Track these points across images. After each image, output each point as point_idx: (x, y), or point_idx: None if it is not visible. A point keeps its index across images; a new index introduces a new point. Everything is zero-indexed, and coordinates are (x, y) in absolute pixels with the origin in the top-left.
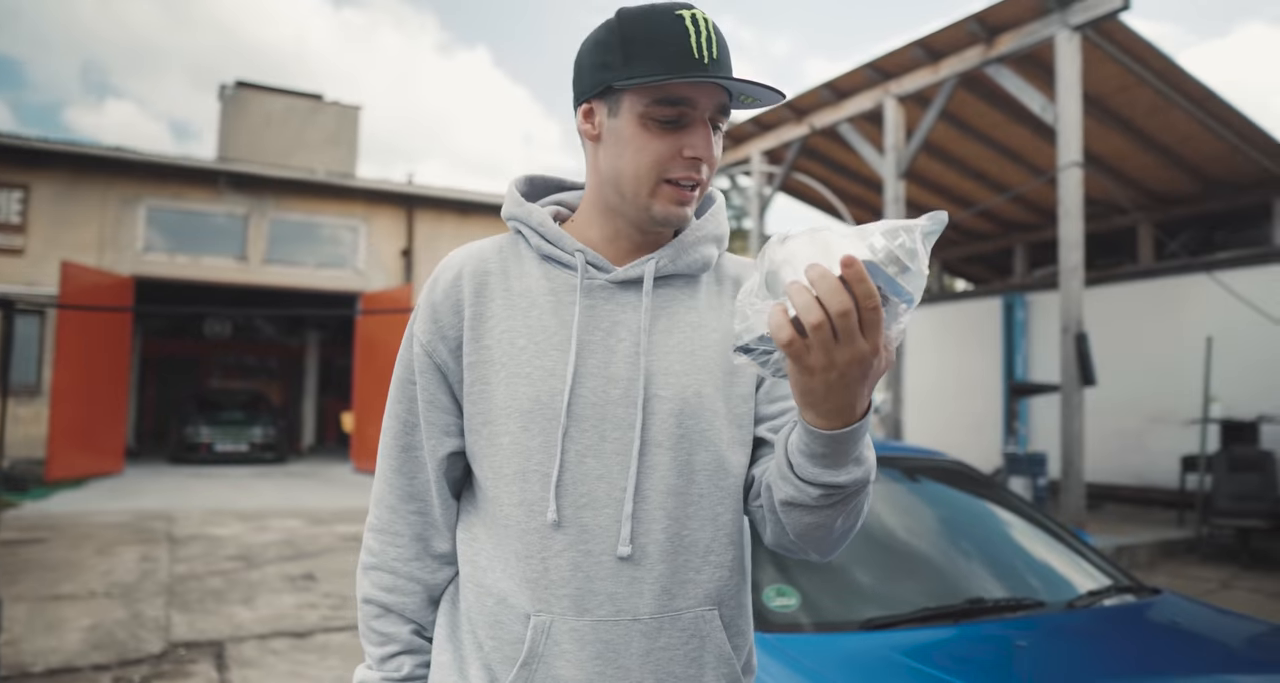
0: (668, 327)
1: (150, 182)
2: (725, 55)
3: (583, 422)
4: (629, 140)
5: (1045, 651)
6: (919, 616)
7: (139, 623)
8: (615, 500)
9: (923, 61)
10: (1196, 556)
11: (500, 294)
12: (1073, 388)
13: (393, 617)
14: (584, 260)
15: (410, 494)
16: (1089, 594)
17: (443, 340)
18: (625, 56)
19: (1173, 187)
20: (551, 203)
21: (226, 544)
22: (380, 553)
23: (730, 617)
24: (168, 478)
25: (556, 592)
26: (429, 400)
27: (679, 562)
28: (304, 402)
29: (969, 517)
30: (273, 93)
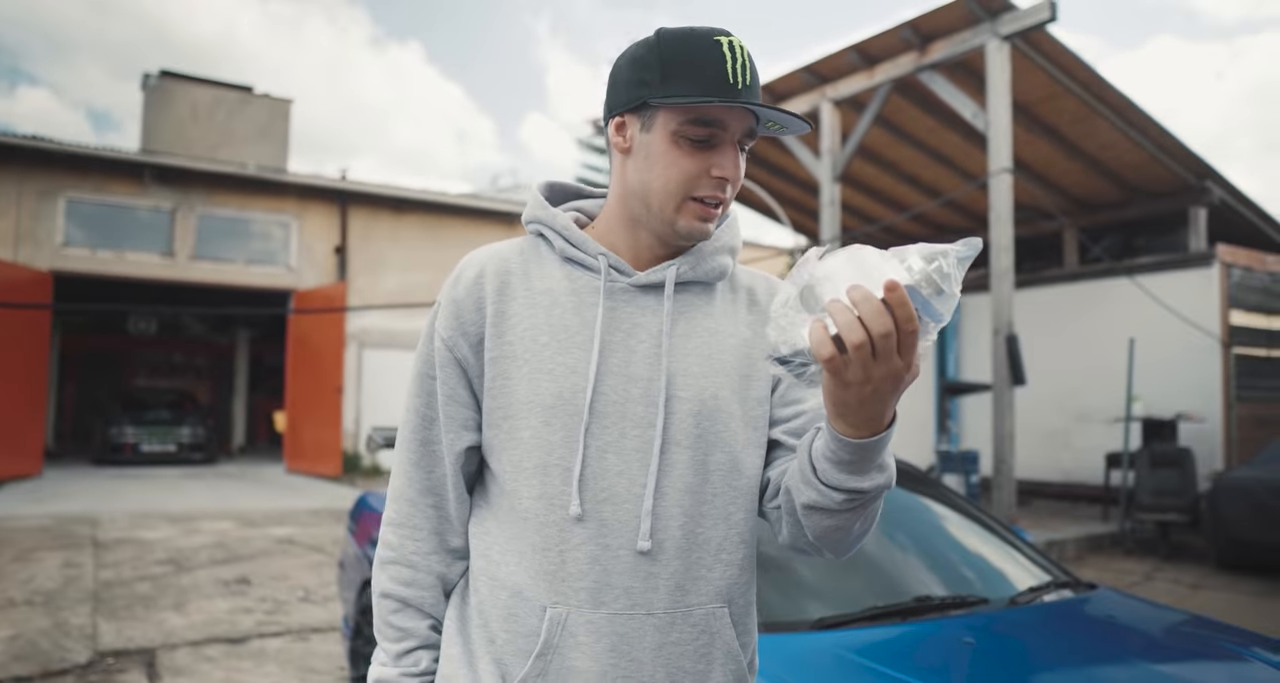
0: (686, 331)
1: (70, 173)
2: (756, 82)
3: (604, 419)
4: (660, 156)
5: (993, 647)
6: (869, 614)
7: (63, 632)
8: (635, 497)
9: (858, 66)
10: (1121, 549)
11: (522, 292)
12: (1004, 388)
13: (411, 611)
14: (606, 263)
15: (428, 488)
16: (1030, 591)
17: (464, 336)
18: (664, 76)
19: (1096, 193)
20: (571, 208)
21: (155, 548)
22: (399, 547)
23: (738, 615)
24: (91, 480)
25: (574, 584)
26: (449, 395)
27: (693, 559)
28: (234, 401)
29: (912, 515)
30: (200, 83)
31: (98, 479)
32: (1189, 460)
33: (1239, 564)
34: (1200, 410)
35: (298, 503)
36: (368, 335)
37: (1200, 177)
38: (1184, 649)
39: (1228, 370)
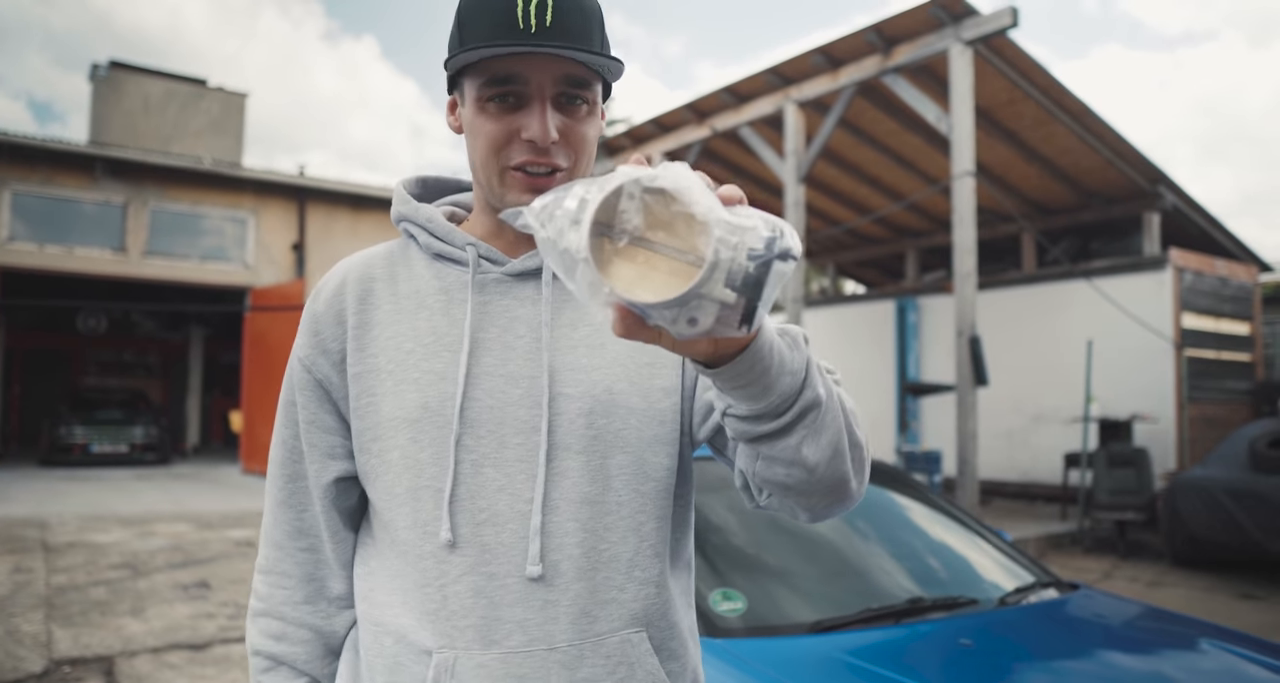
0: (572, 320)
1: (15, 165)
2: (571, 21)
3: (478, 428)
4: (472, 127)
5: (989, 648)
6: (863, 617)
7: (15, 640)
8: (520, 514)
9: (823, 68)
10: (1080, 548)
11: (387, 299)
12: (966, 389)
13: (283, 670)
14: (475, 253)
15: (299, 530)
16: (1017, 591)
17: (324, 354)
18: (460, 38)
19: (1054, 197)
20: (447, 203)
21: (109, 552)
22: (268, 597)
23: (661, 639)
24: (39, 482)
25: (458, 623)
26: (310, 421)
27: (599, 580)
28: (188, 400)
29: (898, 516)
30: (151, 75)
31: (46, 481)
32: (1145, 460)
33: (1194, 561)
34: (1154, 411)
35: (255, 504)
36: None
37: (1153, 182)
38: (1171, 646)
39: (1180, 372)
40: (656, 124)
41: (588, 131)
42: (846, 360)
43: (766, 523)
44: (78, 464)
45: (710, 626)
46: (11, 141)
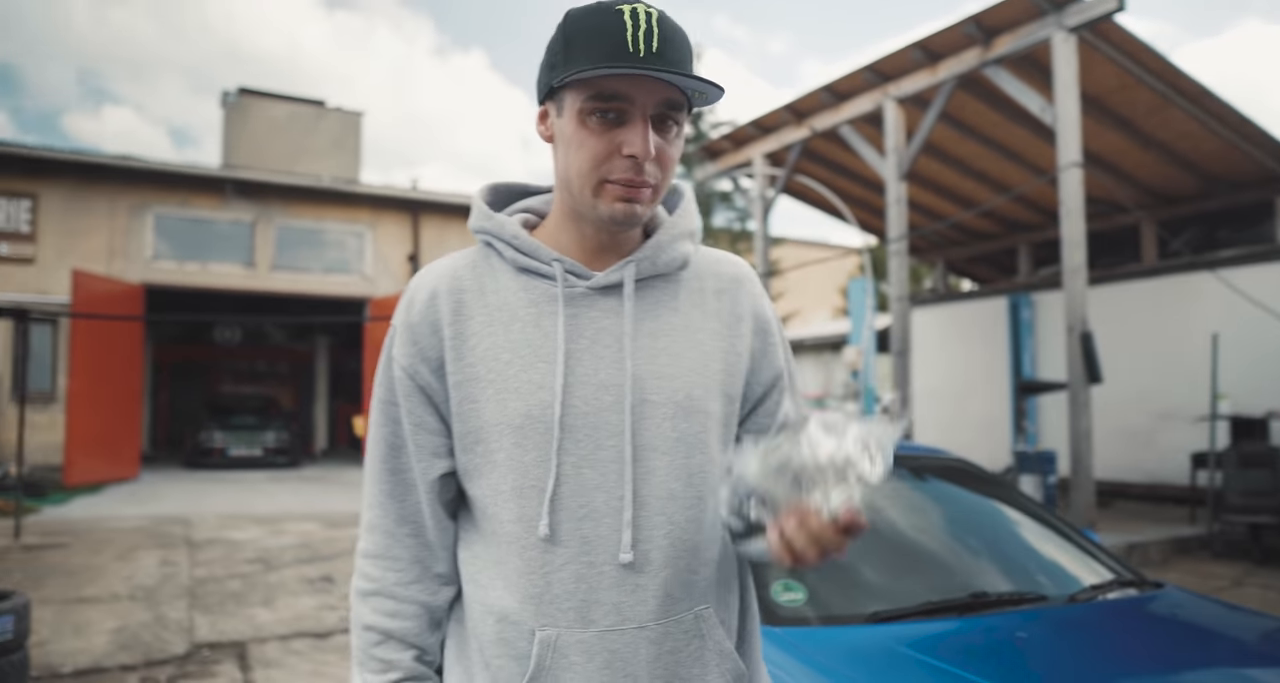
0: (653, 330)
1: (157, 189)
2: (672, 50)
3: (576, 433)
4: (570, 139)
5: (1045, 642)
6: (923, 609)
7: (162, 625)
8: (614, 510)
9: (921, 63)
10: (1209, 553)
11: (479, 310)
12: (1079, 386)
13: (394, 643)
14: (562, 269)
15: (403, 518)
16: (1091, 588)
17: (424, 361)
18: (566, 55)
19: (1174, 184)
20: (519, 210)
21: (244, 548)
22: (379, 578)
23: (723, 613)
24: (183, 483)
25: (561, 606)
26: (416, 424)
27: (680, 565)
28: (315, 406)
29: (973, 514)
30: (275, 99)
31: (189, 482)
32: None
33: None
34: None
35: None
36: None
37: None
38: (1247, 650)
39: None
40: (756, 126)
41: (675, 152)
42: (958, 360)
43: None
44: (217, 467)
45: (770, 615)
46: (152, 168)
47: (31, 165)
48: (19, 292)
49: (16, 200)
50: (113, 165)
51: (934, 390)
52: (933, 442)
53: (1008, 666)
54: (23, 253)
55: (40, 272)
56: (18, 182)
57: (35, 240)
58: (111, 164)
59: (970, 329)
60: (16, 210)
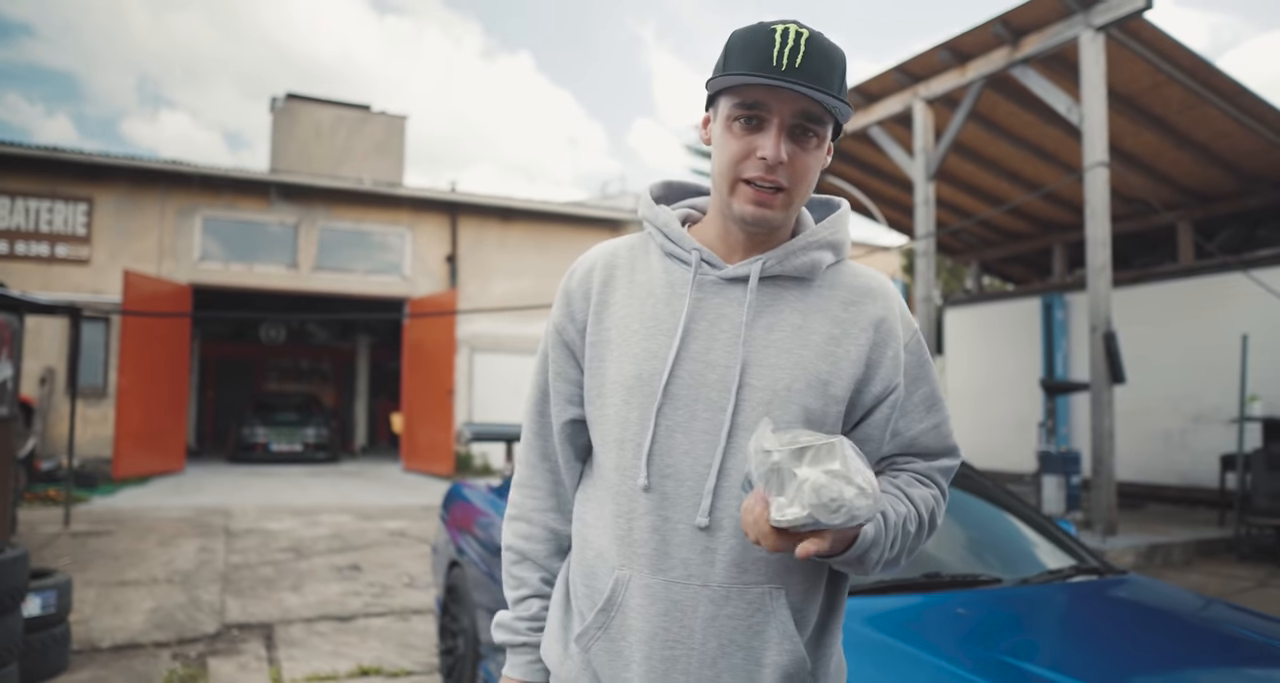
0: (770, 323)
1: (205, 192)
2: (814, 67)
3: (677, 400)
4: (718, 141)
5: (985, 618)
6: (875, 587)
7: (196, 606)
8: (698, 475)
9: (950, 64)
10: (1235, 555)
11: (624, 285)
12: (1102, 386)
13: (527, 563)
14: (699, 257)
15: (544, 454)
16: (1047, 573)
17: (572, 322)
18: (724, 66)
19: (1211, 183)
20: (685, 206)
21: (279, 538)
22: (521, 505)
23: (797, 602)
24: (226, 477)
25: (639, 550)
26: (557, 373)
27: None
28: (356, 404)
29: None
30: (322, 104)
31: (232, 475)
32: None
33: None
34: None
35: (411, 499)
36: (477, 340)
37: None
38: (1192, 632)
39: None
40: None
41: (811, 161)
42: (992, 360)
43: None
44: (259, 461)
45: None
46: (201, 172)
47: (87, 171)
48: (74, 291)
49: (73, 204)
50: (163, 170)
51: (968, 391)
52: (968, 443)
53: (939, 636)
54: (78, 254)
55: (94, 272)
56: (75, 186)
57: (90, 242)
58: (162, 169)
59: (1004, 330)
60: (73, 214)
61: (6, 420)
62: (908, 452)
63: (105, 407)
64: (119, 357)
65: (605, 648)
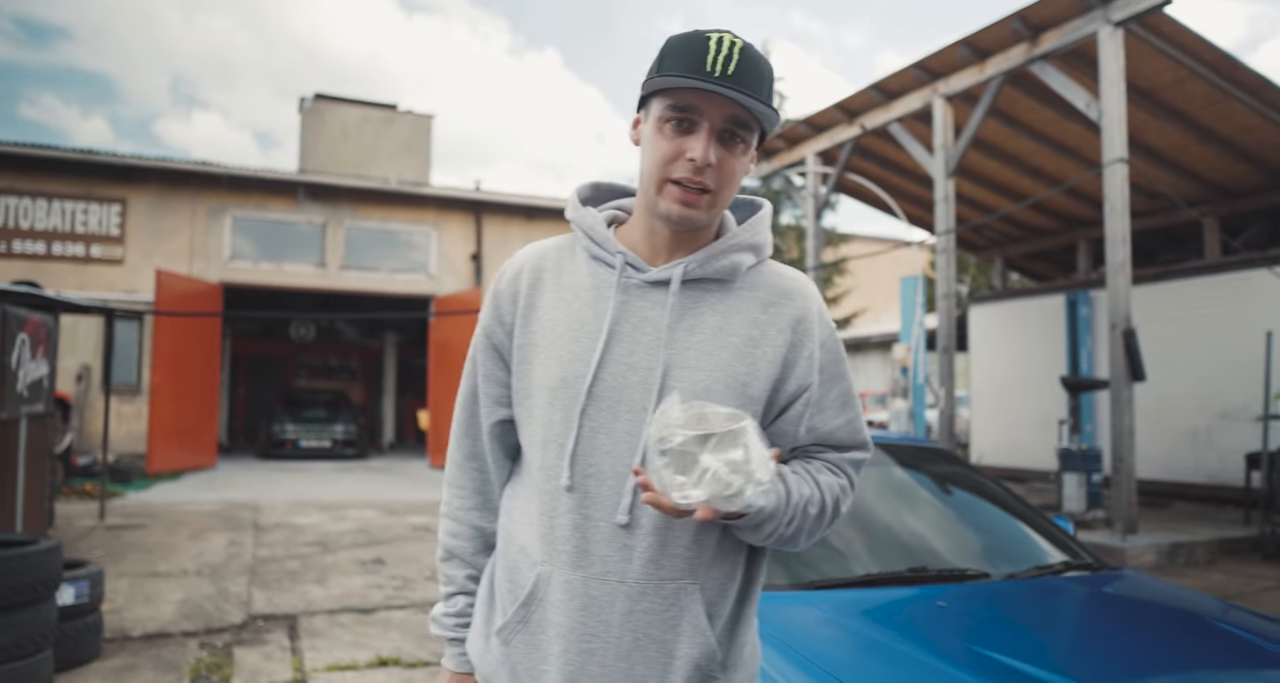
0: (691, 325)
1: (235, 193)
2: (745, 74)
3: (600, 402)
4: (648, 141)
5: (964, 610)
6: (860, 580)
7: (224, 598)
8: (619, 475)
9: (969, 61)
10: (1259, 555)
11: (552, 288)
12: (1122, 384)
13: (455, 561)
14: (623, 261)
15: (472, 454)
16: (1035, 568)
17: (500, 324)
18: (658, 69)
19: (1237, 179)
20: (612, 207)
21: (306, 532)
22: (449, 503)
23: (711, 596)
24: (256, 472)
25: (560, 547)
26: (485, 375)
27: (669, 537)
28: (384, 401)
29: (941, 499)
30: (349, 104)
31: (262, 471)
32: None
33: None
34: None
35: (436, 495)
36: None
37: None
38: (1180, 628)
39: None
40: (809, 124)
41: (737, 166)
42: (1016, 357)
43: None
44: (289, 457)
45: None
46: (231, 173)
47: (121, 172)
48: (109, 290)
49: (107, 205)
50: (193, 171)
51: (993, 388)
52: (992, 440)
53: (917, 628)
54: (112, 254)
55: (128, 272)
56: (109, 188)
57: (123, 242)
58: (192, 170)
59: (1028, 326)
60: (107, 214)
61: (43, 417)
62: (822, 444)
63: (139, 403)
64: (152, 355)
65: (524, 641)
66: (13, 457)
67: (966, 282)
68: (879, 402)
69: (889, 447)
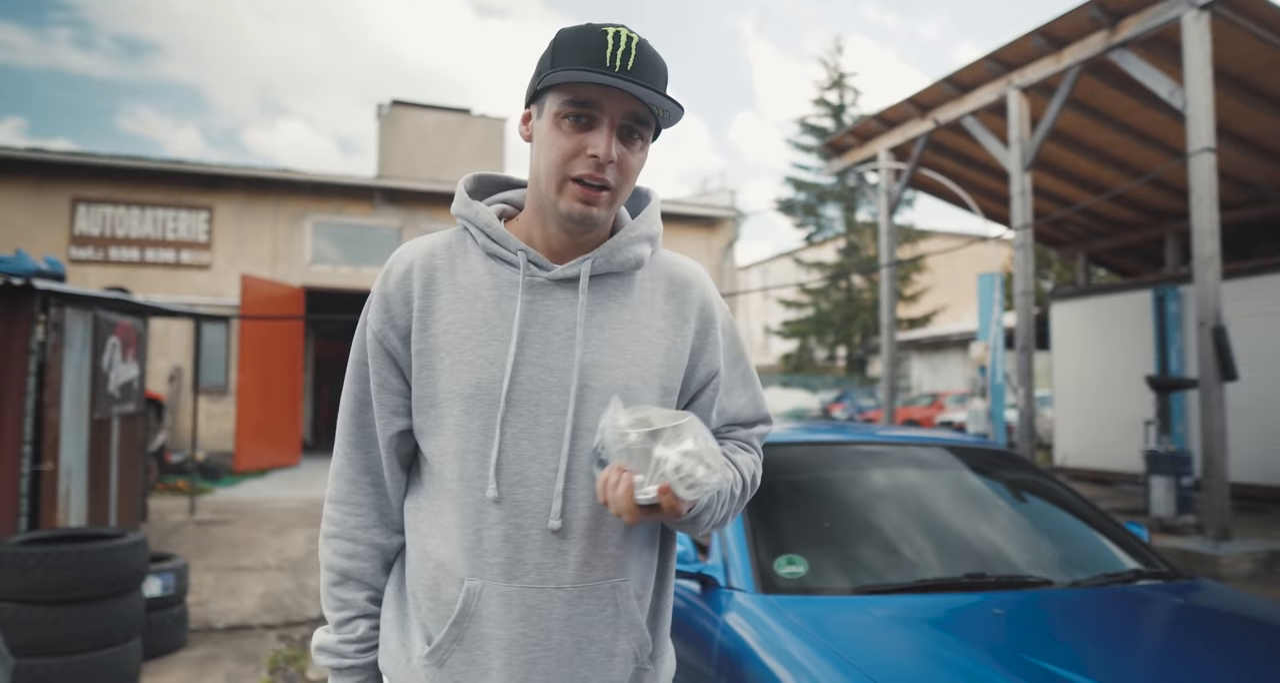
0: (602, 322)
1: (315, 198)
2: (644, 70)
3: (519, 407)
4: (543, 138)
5: (1021, 619)
6: (915, 586)
7: (303, 592)
8: (546, 480)
9: (1045, 51)
10: None
11: (447, 288)
12: (1211, 384)
13: (351, 583)
14: (526, 259)
15: (366, 468)
16: (1104, 576)
17: (393, 328)
18: (552, 63)
19: None
20: (498, 201)
21: None
22: (341, 522)
23: (638, 589)
24: None
25: (489, 560)
26: (380, 384)
27: (600, 537)
28: None
29: (1001, 501)
30: (424, 109)
31: None
32: None
33: None
34: None
35: None
36: None
37: None
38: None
39: None
40: (880, 120)
41: (635, 162)
42: (1102, 356)
43: (849, 503)
44: None
45: (769, 583)
46: (311, 179)
47: (208, 181)
48: (197, 295)
49: (196, 213)
50: (275, 178)
51: (1077, 388)
52: (1077, 442)
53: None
54: (200, 260)
55: (215, 277)
56: (197, 196)
57: (211, 248)
58: (274, 177)
59: (1114, 323)
60: (196, 222)
61: (133, 416)
62: (731, 423)
63: (227, 403)
64: (238, 356)
65: (461, 659)
66: (106, 454)
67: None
68: (958, 401)
69: (950, 449)
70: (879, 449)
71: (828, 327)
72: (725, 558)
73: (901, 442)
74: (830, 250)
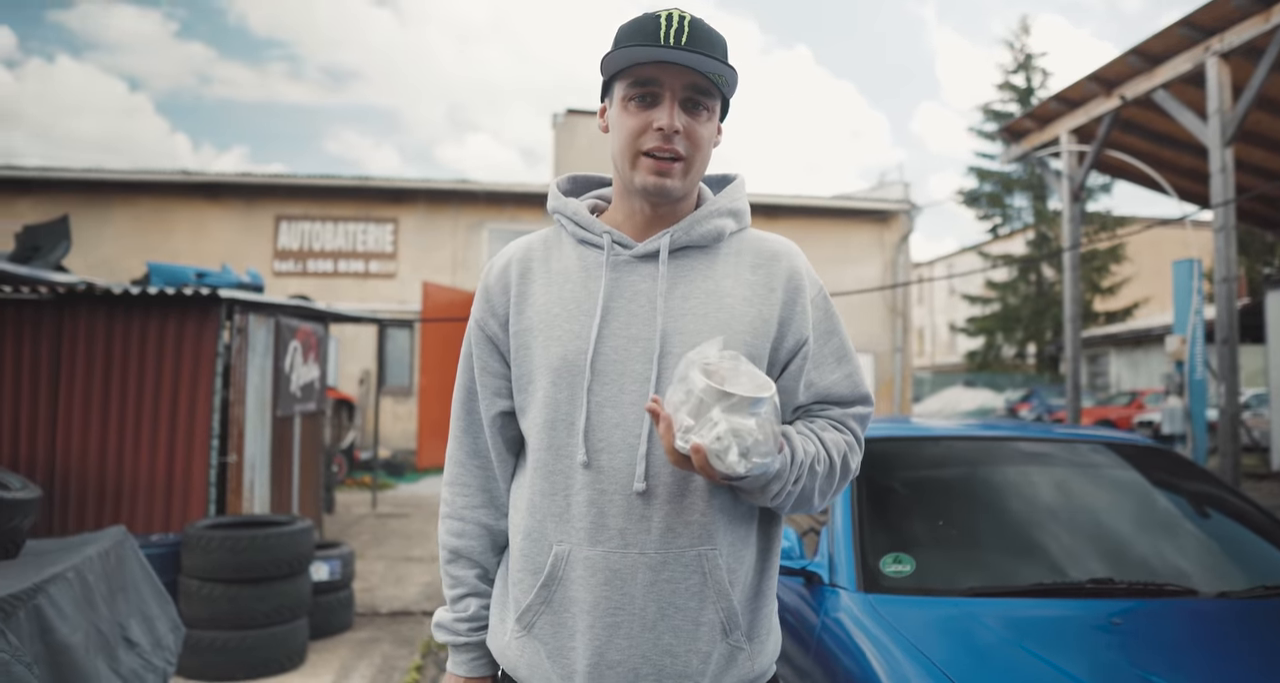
0: (685, 293)
1: (491, 207)
2: (697, 43)
3: (604, 377)
4: (616, 122)
5: (1144, 632)
6: (1028, 589)
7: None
8: (630, 446)
9: (1249, 10)
10: None
11: (541, 275)
12: None
13: (462, 561)
14: (610, 239)
15: (475, 451)
16: (1261, 588)
17: (493, 316)
18: (614, 53)
19: None
20: (592, 196)
21: None
22: (451, 502)
23: (728, 561)
24: None
25: (575, 525)
26: (482, 367)
27: (684, 503)
28: None
29: (1148, 502)
30: (594, 116)
31: None
32: None
33: None
34: None
35: None
36: None
37: None
38: None
39: None
40: (1060, 100)
41: (704, 132)
42: None
43: (969, 501)
44: None
45: (872, 582)
46: (486, 189)
47: (393, 195)
48: (384, 302)
49: (383, 225)
50: (454, 189)
51: None
52: None
53: (1071, 645)
54: (387, 269)
55: (399, 285)
56: (384, 209)
57: (396, 258)
58: (453, 188)
59: None
60: (382, 233)
61: (314, 415)
62: (823, 401)
63: (411, 404)
64: (420, 359)
65: (549, 621)
66: (288, 449)
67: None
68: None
69: (1101, 445)
70: (1009, 445)
71: (1016, 323)
72: (831, 555)
73: (1038, 438)
74: (1019, 242)
